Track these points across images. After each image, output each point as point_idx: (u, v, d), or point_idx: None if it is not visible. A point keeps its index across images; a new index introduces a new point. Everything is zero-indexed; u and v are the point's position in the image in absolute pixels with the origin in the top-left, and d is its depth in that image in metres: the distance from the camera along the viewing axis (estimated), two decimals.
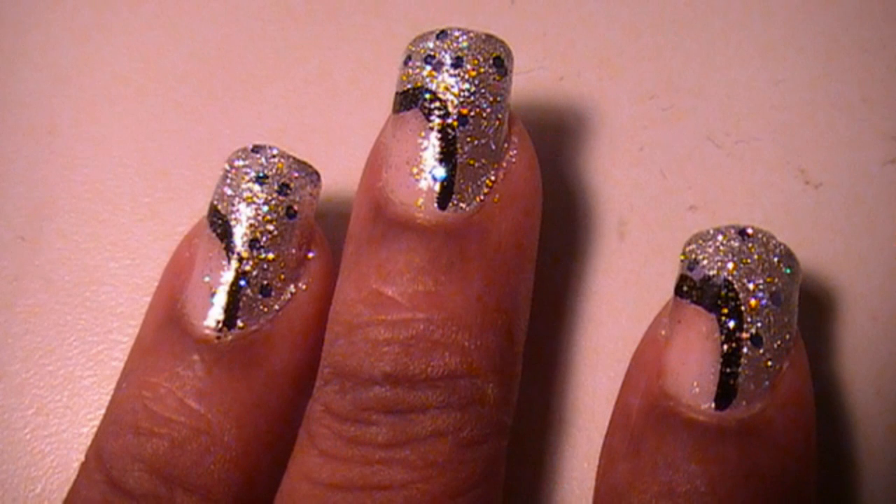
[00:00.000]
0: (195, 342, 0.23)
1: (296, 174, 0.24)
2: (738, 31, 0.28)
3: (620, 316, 0.26)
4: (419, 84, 0.23)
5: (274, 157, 0.24)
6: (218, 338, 0.23)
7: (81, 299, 0.28)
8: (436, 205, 0.23)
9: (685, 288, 0.22)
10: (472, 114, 0.23)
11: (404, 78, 0.23)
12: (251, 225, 0.23)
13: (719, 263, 0.22)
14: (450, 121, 0.23)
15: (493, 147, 0.23)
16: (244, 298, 0.23)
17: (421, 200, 0.23)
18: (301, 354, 0.24)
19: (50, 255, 0.28)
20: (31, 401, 0.27)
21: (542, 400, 0.26)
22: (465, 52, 0.23)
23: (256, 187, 0.23)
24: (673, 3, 0.29)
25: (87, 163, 0.29)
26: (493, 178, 0.23)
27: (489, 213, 0.23)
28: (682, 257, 0.22)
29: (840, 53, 0.28)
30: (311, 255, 0.24)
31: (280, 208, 0.23)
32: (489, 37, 0.23)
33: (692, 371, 0.21)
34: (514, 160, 0.23)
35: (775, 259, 0.22)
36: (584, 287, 0.26)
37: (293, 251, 0.24)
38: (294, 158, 0.24)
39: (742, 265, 0.21)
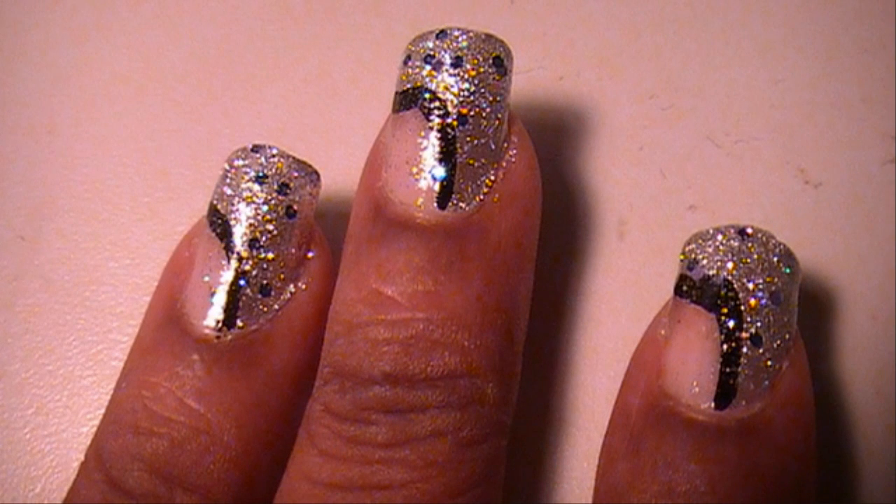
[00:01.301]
0: (195, 342, 0.23)
1: (295, 174, 0.24)
2: (738, 31, 0.28)
3: (620, 316, 0.26)
4: (419, 84, 0.23)
5: (273, 156, 0.24)
6: (217, 337, 0.23)
7: (81, 299, 0.28)
8: (435, 204, 0.23)
9: (685, 287, 0.22)
10: (472, 113, 0.23)
11: (404, 77, 0.23)
12: (251, 224, 0.23)
13: (719, 263, 0.22)
14: (449, 120, 0.23)
15: (493, 147, 0.23)
16: (244, 298, 0.23)
17: (420, 200, 0.23)
18: (301, 354, 0.24)
19: (49, 254, 0.28)
20: (30, 400, 0.27)
21: (542, 400, 0.26)
22: (465, 51, 0.23)
23: (256, 187, 0.23)
24: (673, 2, 0.29)
25: (86, 163, 0.29)
26: (492, 177, 0.23)
27: (489, 213, 0.23)
28: (682, 257, 0.22)
29: (840, 53, 0.28)
30: (310, 254, 0.24)
31: (280, 208, 0.23)
32: (489, 36, 0.23)
33: (692, 371, 0.21)
34: (513, 160, 0.23)
35: (775, 259, 0.22)
36: (583, 287, 0.26)
37: (293, 251, 0.24)
38: (294, 158, 0.24)
39: (742, 265, 0.21)
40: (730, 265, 0.21)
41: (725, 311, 0.21)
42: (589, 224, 0.27)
